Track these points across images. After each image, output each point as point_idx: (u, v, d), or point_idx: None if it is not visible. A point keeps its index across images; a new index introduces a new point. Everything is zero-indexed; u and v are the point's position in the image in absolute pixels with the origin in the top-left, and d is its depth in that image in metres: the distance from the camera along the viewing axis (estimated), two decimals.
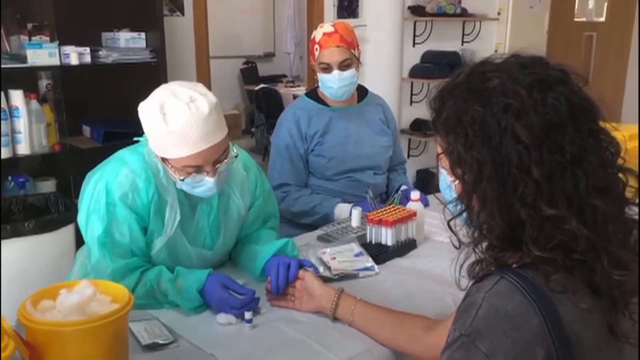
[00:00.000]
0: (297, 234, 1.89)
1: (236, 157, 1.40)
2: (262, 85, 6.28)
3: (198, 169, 1.32)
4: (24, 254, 2.14)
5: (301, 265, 1.41)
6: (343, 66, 2.01)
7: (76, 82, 2.90)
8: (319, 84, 2.11)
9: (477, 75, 0.84)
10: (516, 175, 0.78)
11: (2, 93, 2.56)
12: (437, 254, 1.69)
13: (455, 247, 0.84)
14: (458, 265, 0.84)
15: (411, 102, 4.60)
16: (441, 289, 1.46)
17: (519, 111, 0.78)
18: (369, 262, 1.56)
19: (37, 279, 2.02)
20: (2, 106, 2.55)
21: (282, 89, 6.26)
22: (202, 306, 1.35)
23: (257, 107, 6.35)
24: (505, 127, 0.78)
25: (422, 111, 4.58)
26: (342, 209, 2.02)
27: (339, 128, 2.12)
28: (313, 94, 2.18)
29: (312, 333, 1.27)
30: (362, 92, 2.23)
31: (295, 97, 4.84)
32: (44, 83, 2.86)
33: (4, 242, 2.11)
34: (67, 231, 2.23)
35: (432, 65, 4.41)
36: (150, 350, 1.20)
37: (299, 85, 6.43)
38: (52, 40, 2.70)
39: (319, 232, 1.85)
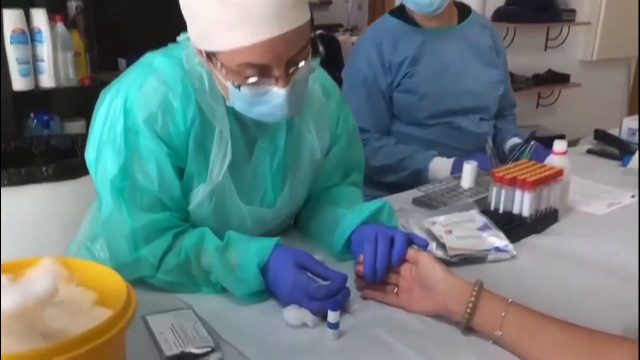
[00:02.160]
0: (378, 196, 1.39)
1: (320, 61, 0.90)
2: (320, 32, 5.87)
3: (262, 72, 0.85)
4: (39, 203, 1.81)
5: (410, 241, 0.93)
6: None
7: (111, 7, 2.49)
8: None
9: None
10: None
11: (22, 12, 2.15)
12: (585, 232, 1.20)
13: None
14: None
15: None
16: (619, 287, 0.97)
17: None
18: (501, 240, 1.07)
19: (51, 234, 1.71)
20: (21, 27, 2.14)
21: (340, 36, 5.83)
22: (262, 293, 0.90)
23: (313, 55, 5.93)
24: None
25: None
26: (440, 165, 1.53)
27: (435, 55, 1.61)
28: (399, 11, 1.66)
29: (432, 349, 0.80)
30: (463, 10, 1.70)
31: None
32: (73, 5, 2.45)
33: (17, 188, 1.79)
34: (91, 180, 1.87)
35: (519, 8, 3.85)
36: None
37: (357, 34, 5.92)
38: None
39: (414, 192, 1.36)
